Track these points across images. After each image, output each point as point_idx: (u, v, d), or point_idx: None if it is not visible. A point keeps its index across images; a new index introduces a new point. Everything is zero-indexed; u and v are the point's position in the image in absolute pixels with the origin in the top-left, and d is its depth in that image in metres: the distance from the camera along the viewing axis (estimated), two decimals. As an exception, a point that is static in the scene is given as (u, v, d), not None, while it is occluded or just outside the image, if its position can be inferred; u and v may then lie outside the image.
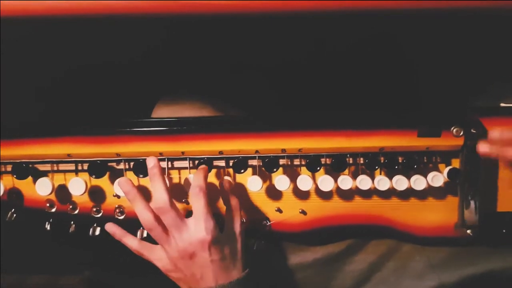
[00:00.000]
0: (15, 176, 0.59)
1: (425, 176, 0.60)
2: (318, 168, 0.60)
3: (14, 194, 0.61)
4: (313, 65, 0.71)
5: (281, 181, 0.60)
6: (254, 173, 0.61)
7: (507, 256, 0.63)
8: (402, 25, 0.61)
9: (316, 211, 0.63)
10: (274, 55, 0.70)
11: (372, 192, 0.62)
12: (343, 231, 0.64)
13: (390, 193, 0.62)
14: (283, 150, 0.59)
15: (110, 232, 0.59)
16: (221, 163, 0.61)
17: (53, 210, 0.62)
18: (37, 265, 0.74)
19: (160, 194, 0.54)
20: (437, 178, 0.60)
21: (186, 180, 0.60)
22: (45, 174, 0.61)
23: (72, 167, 0.61)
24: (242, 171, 0.60)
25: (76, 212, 0.62)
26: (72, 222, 0.62)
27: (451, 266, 0.63)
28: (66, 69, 0.69)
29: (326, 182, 0.60)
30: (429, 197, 0.63)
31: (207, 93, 0.70)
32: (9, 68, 0.65)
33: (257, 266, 0.58)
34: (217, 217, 0.60)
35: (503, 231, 0.61)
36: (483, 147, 0.56)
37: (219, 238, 0.55)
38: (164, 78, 0.73)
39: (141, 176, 0.59)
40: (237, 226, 0.57)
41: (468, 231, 0.60)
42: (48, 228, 0.62)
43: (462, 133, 0.58)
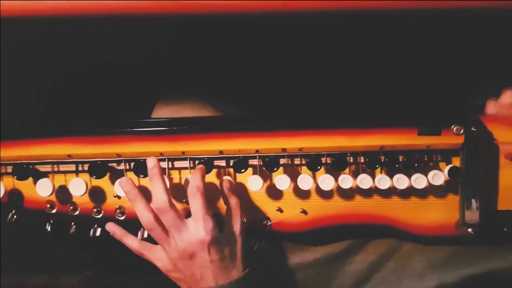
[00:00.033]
0: (15, 177, 0.59)
1: (425, 174, 0.60)
2: (319, 167, 0.60)
3: (14, 195, 0.61)
4: (313, 65, 0.71)
5: (281, 180, 0.59)
6: (254, 173, 0.61)
7: (507, 255, 0.63)
8: (402, 25, 0.61)
9: (316, 211, 0.62)
10: (274, 55, 0.70)
11: (372, 191, 0.62)
12: (343, 231, 0.63)
13: (391, 192, 0.62)
14: (284, 150, 0.59)
15: (110, 232, 0.59)
16: (222, 163, 0.61)
17: (53, 211, 0.61)
18: (37, 265, 0.74)
19: (159, 195, 0.54)
20: (438, 177, 0.59)
21: (187, 180, 0.60)
22: (45, 175, 0.61)
23: (72, 167, 0.61)
24: (243, 170, 0.59)
25: (77, 213, 0.62)
26: (73, 223, 0.62)
27: (451, 266, 0.63)
28: (66, 69, 0.69)
29: (326, 181, 0.60)
30: (430, 196, 0.62)
31: (207, 93, 0.70)
32: (9, 68, 0.65)
33: (257, 266, 0.58)
34: (217, 217, 0.60)
35: (505, 229, 0.61)
36: (491, 109, 0.55)
37: (219, 238, 0.55)
38: (164, 78, 0.73)
39: (141, 176, 0.59)
40: (237, 226, 0.57)
41: (469, 230, 0.60)
42: (49, 229, 0.61)
43: (462, 131, 0.58)
